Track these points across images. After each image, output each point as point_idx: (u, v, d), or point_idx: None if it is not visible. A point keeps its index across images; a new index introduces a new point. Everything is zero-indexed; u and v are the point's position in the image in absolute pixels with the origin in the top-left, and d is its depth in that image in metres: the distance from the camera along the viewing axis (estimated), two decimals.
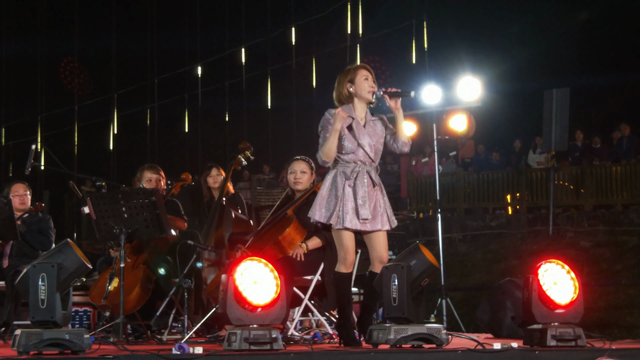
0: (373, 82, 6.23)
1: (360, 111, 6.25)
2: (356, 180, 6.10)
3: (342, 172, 6.13)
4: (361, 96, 6.21)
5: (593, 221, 16.42)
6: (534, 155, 18.96)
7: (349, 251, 6.15)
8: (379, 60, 20.73)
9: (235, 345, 5.27)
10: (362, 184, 6.09)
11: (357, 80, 6.21)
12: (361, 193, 6.06)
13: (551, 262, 5.95)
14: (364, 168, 6.15)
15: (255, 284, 5.41)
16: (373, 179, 6.16)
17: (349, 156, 6.13)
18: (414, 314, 5.53)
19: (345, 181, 6.09)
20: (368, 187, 6.11)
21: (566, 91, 15.44)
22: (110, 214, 6.88)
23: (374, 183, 6.16)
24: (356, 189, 6.08)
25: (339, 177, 6.13)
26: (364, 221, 6.05)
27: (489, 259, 15.97)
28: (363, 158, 6.16)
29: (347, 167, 6.13)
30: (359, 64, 6.38)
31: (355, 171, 6.11)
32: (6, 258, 8.16)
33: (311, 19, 21.76)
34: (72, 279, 5.27)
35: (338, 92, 6.29)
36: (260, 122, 23.11)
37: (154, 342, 6.71)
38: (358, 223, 6.06)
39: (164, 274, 7.46)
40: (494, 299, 7.65)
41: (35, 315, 5.12)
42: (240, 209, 8.28)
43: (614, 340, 6.10)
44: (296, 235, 6.95)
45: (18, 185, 8.51)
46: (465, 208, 18.76)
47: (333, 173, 6.16)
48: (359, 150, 6.15)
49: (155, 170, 8.11)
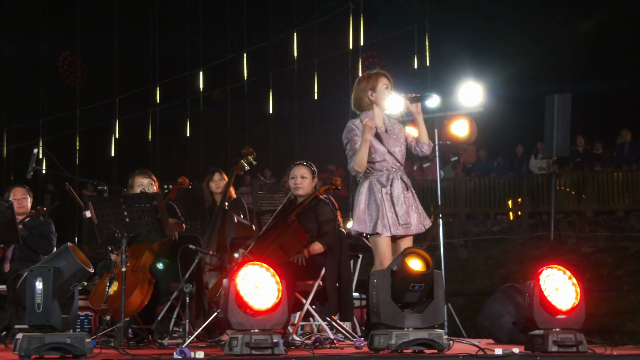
0: (392, 89, 6.27)
1: (380, 118, 6.30)
2: (392, 187, 6.14)
3: (377, 180, 6.19)
4: (382, 105, 6.24)
5: (594, 227, 16.41)
6: (535, 160, 18.95)
7: (386, 257, 6.20)
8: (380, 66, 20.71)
9: (237, 350, 5.27)
10: (398, 189, 6.14)
11: (378, 88, 6.24)
12: (399, 199, 6.12)
13: (553, 267, 5.96)
14: (396, 173, 6.20)
15: (256, 289, 5.41)
16: (406, 183, 6.22)
17: (379, 164, 6.17)
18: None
19: (382, 189, 6.13)
20: (403, 191, 6.16)
21: (568, 97, 15.43)
22: (112, 218, 6.87)
23: (407, 186, 6.21)
24: (393, 196, 6.12)
25: (375, 185, 6.17)
26: (406, 226, 6.10)
27: (490, 264, 15.95)
28: (393, 164, 6.21)
29: (381, 175, 6.18)
30: (379, 71, 6.38)
31: (390, 178, 6.16)
32: (8, 262, 8.17)
33: (313, 25, 21.77)
34: (72, 283, 5.25)
35: (358, 99, 6.31)
36: (261, 127, 23.11)
37: (155, 347, 6.71)
38: (402, 229, 6.11)
39: (162, 268, 7.44)
40: (496, 304, 7.64)
41: (32, 319, 5.12)
42: (242, 214, 8.29)
43: (615, 346, 6.10)
44: (298, 240, 6.95)
45: (17, 189, 8.52)
46: (466, 213, 18.75)
47: (367, 183, 6.21)
48: (389, 157, 6.19)
49: (147, 176, 8.01)
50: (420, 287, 5.66)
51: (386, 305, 5.71)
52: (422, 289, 5.66)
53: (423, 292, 5.67)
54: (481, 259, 16.29)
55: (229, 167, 8.54)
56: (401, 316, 5.70)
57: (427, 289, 5.66)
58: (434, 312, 5.65)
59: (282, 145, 22.47)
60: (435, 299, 5.66)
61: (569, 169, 18.29)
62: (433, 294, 5.67)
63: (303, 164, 7.37)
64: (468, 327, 9.86)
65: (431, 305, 5.66)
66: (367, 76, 6.30)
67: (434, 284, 5.68)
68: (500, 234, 17.46)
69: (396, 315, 5.71)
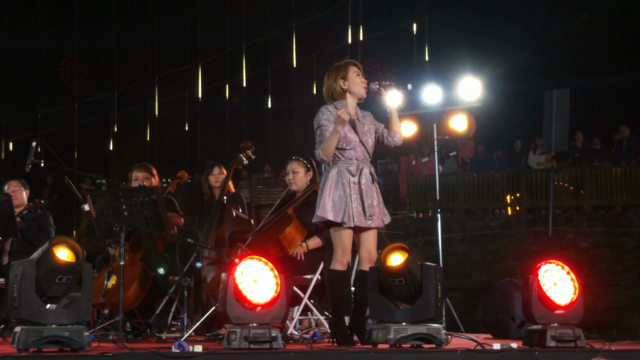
0: (363, 76, 6.24)
1: (352, 107, 6.24)
2: (360, 177, 6.09)
3: (346, 169, 6.09)
4: (354, 92, 6.22)
5: (593, 222, 16.42)
6: (534, 155, 18.96)
7: (347, 249, 6.14)
8: (379, 60, 20.72)
9: (235, 344, 5.27)
10: (366, 181, 6.09)
11: (349, 77, 6.21)
12: (366, 190, 6.07)
13: (551, 262, 5.96)
14: (365, 164, 6.15)
15: (255, 283, 5.41)
16: (373, 175, 6.17)
17: (349, 152, 6.11)
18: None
19: (351, 178, 6.07)
20: (371, 183, 6.12)
21: (566, 92, 15.44)
22: (111, 211, 6.87)
23: (373, 179, 6.16)
24: (361, 186, 6.07)
25: (343, 174, 6.10)
26: (369, 218, 6.06)
27: (488, 259, 15.96)
28: (363, 154, 6.15)
29: (351, 164, 6.10)
30: (348, 60, 6.35)
31: (360, 168, 6.10)
32: (6, 255, 8.17)
33: (312, 19, 21.75)
34: (55, 277, 5.16)
35: (330, 88, 6.26)
36: (260, 121, 23.10)
37: (153, 340, 6.71)
38: (365, 221, 6.06)
39: (163, 273, 7.45)
40: (494, 299, 7.65)
41: (12, 312, 5.13)
42: (241, 208, 8.29)
43: (613, 341, 6.10)
44: (296, 234, 6.96)
45: (11, 181, 8.54)
46: (464, 208, 18.76)
47: (335, 170, 6.11)
48: (360, 147, 6.14)
49: (144, 169, 7.99)
50: (399, 281, 5.67)
51: (374, 299, 5.77)
52: (402, 283, 5.67)
53: (407, 286, 5.67)
54: (479, 254, 16.30)
55: (228, 162, 8.54)
56: (389, 310, 5.72)
57: (411, 283, 5.66)
58: (423, 307, 5.64)
59: (281, 139, 22.46)
60: (425, 293, 5.65)
61: (568, 164, 18.30)
62: (422, 288, 5.66)
63: (296, 159, 7.38)
64: (466, 322, 9.87)
65: (420, 299, 5.65)
66: (337, 67, 6.27)
67: (423, 278, 5.67)
68: (499, 228, 17.47)
69: (384, 310, 5.73)
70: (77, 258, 5.22)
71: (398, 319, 5.67)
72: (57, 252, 5.19)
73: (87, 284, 5.26)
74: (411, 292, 5.68)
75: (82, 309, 5.22)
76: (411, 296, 5.69)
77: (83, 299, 5.22)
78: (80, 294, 5.24)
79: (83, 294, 5.23)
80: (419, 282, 5.65)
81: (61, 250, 5.24)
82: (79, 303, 5.21)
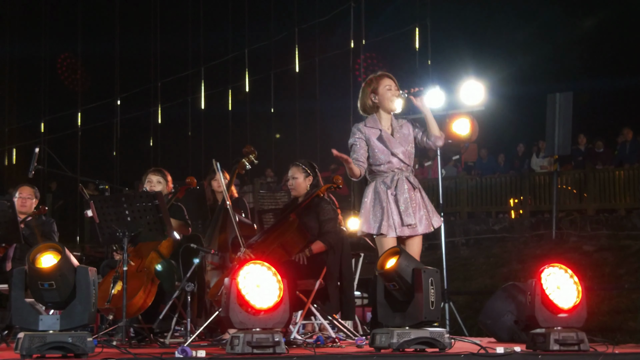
0: (396, 89, 6.26)
1: (386, 120, 6.33)
2: (397, 188, 6.16)
3: (382, 182, 6.23)
4: (385, 106, 6.27)
5: (596, 225, 16.40)
6: (537, 159, 18.94)
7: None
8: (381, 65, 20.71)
9: (238, 349, 5.27)
10: (402, 190, 6.17)
11: (380, 91, 6.27)
12: (402, 200, 6.13)
13: (554, 266, 5.96)
14: (402, 174, 6.21)
15: (258, 288, 5.42)
16: (412, 183, 6.23)
17: (384, 166, 6.21)
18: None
19: (387, 190, 6.15)
20: (409, 191, 6.17)
21: (569, 95, 15.42)
22: (113, 217, 6.87)
23: (413, 186, 6.23)
24: (398, 197, 6.14)
25: (380, 187, 6.21)
26: (410, 227, 6.12)
27: (491, 263, 15.95)
28: (398, 165, 6.24)
29: (387, 177, 6.22)
30: (381, 73, 6.39)
31: (395, 179, 6.19)
32: (10, 261, 8.18)
33: (314, 23, 21.75)
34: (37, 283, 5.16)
35: (362, 103, 6.38)
36: (263, 125, 23.11)
37: (156, 346, 6.71)
38: (406, 229, 6.13)
39: (161, 270, 7.43)
40: (497, 303, 7.64)
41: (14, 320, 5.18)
42: (244, 213, 8.29)
43: (616, 344, 6.10)
44: (299, 239, 6.97)
45: (24, 187, 8.55)
46: (468, 212, 18.75)
47: (373, 184, 6.26)
48: (394, 159, 6.21)
49: (158, 173, 8.05)
50: (394, 285, 5.68)
51: (379, 304, 5.81)
52: (396, 287, 5.67)
53: (401, 290, 5.67)
54: (483, 258, 16.28)
55: (231, 166, 8.54)
56: (391, 315, 5.73)
57: (404, 286, 5.65)
58: (413, 310, 5.64)
59: (284, 144, 22.47)
60: (416, 297, 5.64)
61: (571, 167, 18.28)
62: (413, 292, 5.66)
63: (295, 164, 7.42)
64: (469, 326, 9.87)
65: (412, 303, 5.65)
66: (369, 80, 6.33)
67: (414, 281, 5.65)
68: (502, 232, 17.45)
69: (387, 314, 5.75)
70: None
71: (399, 323, 5.68)
72: (40, 258, 5.17)
73: (83, 289, 5.18)
74: (405, 296, 5.69)
75: (77, 315, 5.15)
76: (407, 300, 5.70)
77: (77, 304, 5.17)
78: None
79: (78, 299, 5.17)
80: (410, 286, 5.66)
81: (46, 256, 5.18)
82: (73, 308, 5.16)
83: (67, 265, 5.18)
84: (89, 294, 5.14)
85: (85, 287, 5.14)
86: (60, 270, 5.15)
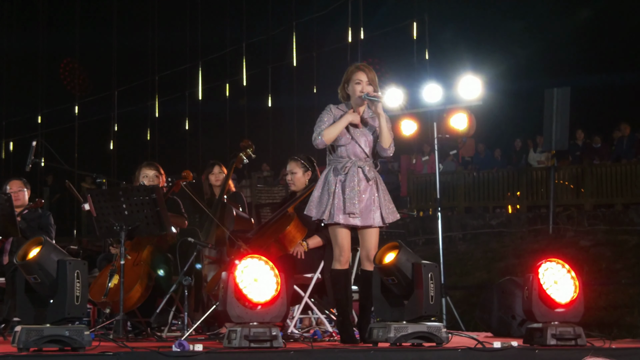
0: (368, 83, 6.21)
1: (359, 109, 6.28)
2: (346, 176, 6.12)
3: (334, 168, 6.18)
4: (352, 99, 6.27)
5: (593, 220, 16.41)
6: (534, 154, 18.95)
7: (343, 248, 6.17)
8: (379, 59, 20.72)
9: (236, 343, 5.27)
10: (351, 179, 6.11)
11: (350, 83, 6.26)
12: (349, 188, 6.08)
13: (551, 261, 5.96)
14: (356, 163, 6.16)
15: (255, 282, 5.42)
16: (366, 174, 6.16)
17: (341, 150, 6.17)
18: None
19: (337, 177, 6.12)
20: (362, 182, 6.12)
21: (567, 90, 15.43)
22: (111, 210, 6.87)
23: (367, 178, 6.16)
24: (345, 184, 6.10)
25: (331, 173, 6.18)
26: (352, 216, 6.06)
27: (489, 257, 15.95)
28: (358, 153, 6.18)
29: (339, 163, 6.18)
30: (357, 65, 6.35)
31: (346, 166, 6.14)
32: (6, 255, 8.17)
33: (312, 17, 21.74)
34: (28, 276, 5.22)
35: (340, 90, 6.36)
36: (260, 120, 23.10)
37: (154, 340, 6.71)
38: (348, 218, 6.07)
39: (163, 274, 7.44)
40: (494, 297, 7.65)
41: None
42: (241, 207, 8.29)
43: (613, 339, 6.11)
44: (297, 233, 6.97)
45: (13, 182, 8.54)
46: (465, 207, 18.76)
47: (326, 171, 6.24)
48: (354, 146, 6.17)
49: (153, 168, 8.04)
50: (392, 280, 5.68)
51: (377, 298, 5.83)
52: (395, 282, 5.68)
53: (400, 284, 5.68)
54: (480, 253, 16.29)
55: (228, 161, 8.53)
56: (389, 309, 5.74)
57: (403, 281, 5.66)
58: (413, 305, 5.65)
59: (281, 138, 22.46)
60: (416, 291, 5.64)
61: (568, 162, 18.29)
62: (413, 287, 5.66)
63: (294, 159, 7.41)
64: (467, 321, 9.88)
65: (411, 297, 5.66)
66: (348, 70, 6.32)
67: (414, 276, 5.66)
68: (499, 227, 17.46)
69: (384, 309, 5.75)
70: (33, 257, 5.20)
71: (396, 317, 5.69)
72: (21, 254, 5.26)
73: (63, 282, 5.17)
74: (404, 290, 5.69)
75: (56, 307, 5.16)
76: (405, 294, 5.70)
77: (57, 297, 5.17)
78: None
79: (58, 292, 5.17)
80: (410, 280, 5.66)
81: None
82: (56, 301, 5.17)
83: (46, 259, 5.21)
84: (71, 287, 5.15)
85: (64, 280, 5.15)
86: (39, 264, 5.21)
